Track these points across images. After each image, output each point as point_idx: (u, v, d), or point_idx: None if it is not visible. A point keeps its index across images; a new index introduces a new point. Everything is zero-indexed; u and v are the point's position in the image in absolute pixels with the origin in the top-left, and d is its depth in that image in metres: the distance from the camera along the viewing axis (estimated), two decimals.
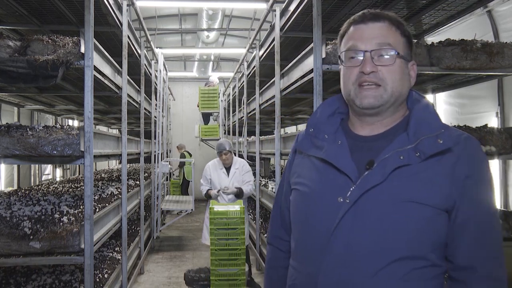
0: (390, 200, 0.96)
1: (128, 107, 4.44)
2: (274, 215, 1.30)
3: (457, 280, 0.98)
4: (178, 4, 8.67)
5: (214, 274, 3.85)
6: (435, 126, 1.00)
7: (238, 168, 4.53)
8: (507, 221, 2.86)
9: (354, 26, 1.06)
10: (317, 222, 1.03)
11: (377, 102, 1.01)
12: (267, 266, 1.30)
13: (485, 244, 0.97)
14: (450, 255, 0.98)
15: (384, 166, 0.97)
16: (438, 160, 0.97)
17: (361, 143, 1.06)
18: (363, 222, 0.96)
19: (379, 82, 1.01)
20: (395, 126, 1.06)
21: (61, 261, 2.77)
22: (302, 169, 1.14)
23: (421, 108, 1.05)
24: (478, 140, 1.05)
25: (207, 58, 11.24)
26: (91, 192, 2.74)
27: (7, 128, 2.62)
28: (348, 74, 1.05)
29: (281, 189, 1.28)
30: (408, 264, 0.94)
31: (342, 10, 3.65)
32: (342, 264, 0.97)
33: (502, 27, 3.73)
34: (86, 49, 2.66)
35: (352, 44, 1.04)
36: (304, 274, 1.05)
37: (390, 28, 1.04)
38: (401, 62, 1.03)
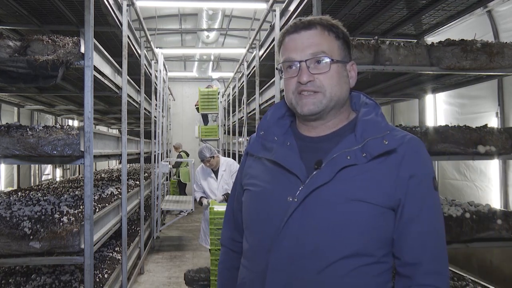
0: (337, 199, 0.99)
1: (128, 107, 4.44)
2: (227, 217, 1.32)
3: (404, 275, 1.01)
4: (178, 4, 8.67)
5: (214, 274, 3.85)
6: (381, 128, 1.03)
7: (225, 170, 4.49)
8: (507, 221, 2.86)
9: (288, 37, 1.10)
10: (267, 221, 1.05)
11: (316, 108, 1.05)
12: (220, 266, 1.32)
13: (430, 240, 1.01)
14: (397, 252, 1.02)
15: (332, 166, 1.00)
16: (383, 160, 1.00)
17: (309, 144, 1.10)
18: (311, 221, 0.99)
19: (317, 89, 1.04)
20: (343, 127, 1.10)
21: (61, 261, 2.76)
22: (253, 170, 1.16)
23: (369, 111, 1.08)
24: (478, 140, 1.07)
25: (207, 58, 11.25)
26: (91, 192, 2.74)
27: (7, 128, 2.61)
28: (288, 84, 1.09)
29: (233, 191, 1.30)
30: (354, 261, 0.97)
31: (342, 10, 3.65)
32: (290, 261, 0.99)
33: (502, 27, 3.73)
34: (86, 49, 2.66)
35: (288, 56, 1.08)
36: (253, 272, 1.08)
37: (322, 33, 1.06)
38: (338, 67, 1.06)
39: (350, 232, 0.97)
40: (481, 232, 2.81)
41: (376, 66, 2.73)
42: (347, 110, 1.12)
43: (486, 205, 3.09)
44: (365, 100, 1.13)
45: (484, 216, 2.86)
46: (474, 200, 3.70)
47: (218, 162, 4.53)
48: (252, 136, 1.24)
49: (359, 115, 1.08)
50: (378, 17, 3.99)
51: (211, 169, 4.54)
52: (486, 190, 4.01)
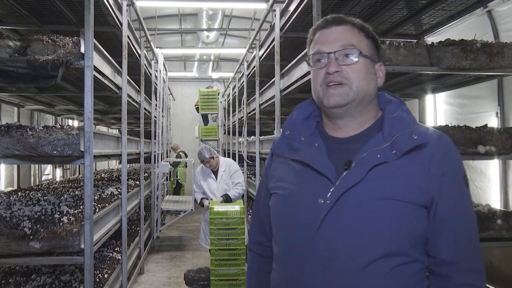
0: (369, 199, 0.98)
1: (128, 107, 4.44)
2: (253, 222, 1.31)
3: (440, 274, 1.01)
4: (178, 4, 8.67)
5: (214, 274, 3.85)
6: (408, 123, 1.03)
7: (224, 170, 4.48)
8: (507, 221, 2.86)
9: (319, 31, 1.11)
10: (298, 225, 1.04)
11: (343, 100, 1.04)
12: (249, 272, 1.31)
13: (465, 238, 1.01)
14: (431, 251, 1.01)
15: (362, 165, 0.99)
16: (414, 157, 0.99)
17: (337, 145, 1.09)
18: (345, 222, 0.98)
19: (344, 81, 1.04)
20: (370, 127, 1.09)
21: (61, 261, 2.76)
22: (280, 172, 1.15)
23: (394, 108, 1.08)
24: (478, 140, 1.07)
25: (207, 58, 11.24)
26: (91, 192, 2.74)
27: (7, 128, 2.61)
28: (316, 76, 1.09)
29: (259, 195, 1.29)
30: (390, 261, 0.96)
31: (342, 10, 3.65)
32: (326, 264, 0.98)
33: (502, 27, 3.73)
34: (86, 49, 2.66)
35: (318, 49, 1.09)
36: (287, 276, 1.06)
37: (352, 30, 1.08)
38: (365, 61, 1.06)
39: (385, 232, 0.96)
40: (481, 232, 2.81)
41: None
42: (374, 109, 1.11)
43: (486, 205, 3.09)
44: (389, 97, 1.13)
45: (484, 216, 2.86)
46: (474, 200, 3.70)
47: (217, 162, 4.53)
48: (276, 137, 1.22)
49: (385, 113, 1.08)
50: (378, 17, 3.99)
51: (211, 169, 4.54)
52: (486, 190, 4.00)
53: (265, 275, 1.21)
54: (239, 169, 4.60)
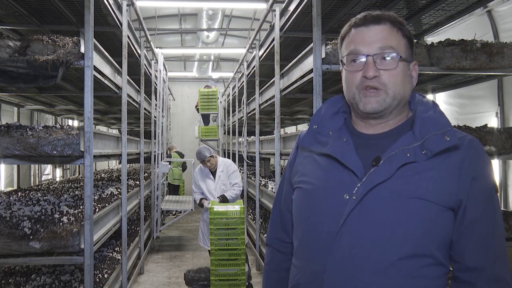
0: (397, 197, 0.96)
1: (128, 107, 4.44)
2: (273, 217, 1.28)
3: (464, 280, 0.98)
4: (178, 4, 8.67)
5: (214, 274, 3.85)
6: (441, 124, 1.01)
7: (222, 170, 4.48)
8: (507, 221, 2.86)
9: (355, 29, 1.05)
10: (322, 220, 1.02)
11: (380, 107, 1.02)
12: (266, 268, 1.28)
13: (492, 245, 0.97)
14: (457, 255, 0.98)
15: (391, 163, 0.97)
16: (444, 159, 0.97)
17: (366, 141, 1.06)
18: (370, 219, 0.96)
19: (381, 86, 1.01)
20: (400, 125, 1.07)
21: (61, 261, 2.76)
22: (305, 167, 1.13)
23: (427, 108, 1.06)
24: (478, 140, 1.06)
25: (207, 58, 11.24)
26: (91, 192, 2.74)
27: (7, 128, 2.62)
28: (351, 77, 1.05)
29: (281, 190, 1.26)
30: (414, 262, 0.94)
31: (342, 10, 3.65)
32: (349, 261, 0.96)
33: (502, 27, 3.73)
34: (86, 49, 2.66)
35: (354, 48, 1.04)
36: (308, 272, 1.04)
37: (391, 30, 1.03)
38: (403, 65, 1.03)
39: (410, 231, 0.94)
40: None
41: None
42: (406, 110, 1.09)
43: None
44: (421, 99, 1.10)
45: None
46: None
47: (216, 162, 4.53)
48: (302, 132, 1.20)
49: (417, 113, 1.05)
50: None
51: (209, 170, 4.54)
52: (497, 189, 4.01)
53: (284, 273, 1.19)
54: (237, 169, 4.59)
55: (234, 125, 8.69)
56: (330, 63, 2.64)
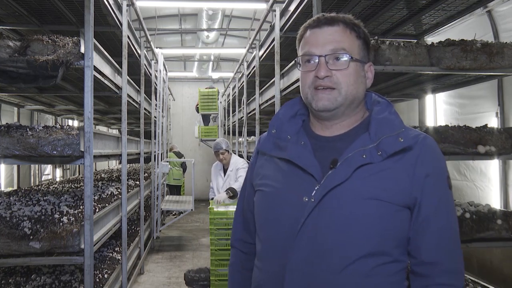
0: (354, 198, 0.99)
1: (128, 107, 4.44)
2: (236, 218, 1.31)
3: (421, 274, 1.02)
4: (178, 4, 8.67)
5: (214, 274, 3.85)
6: (395, 126, 1.04)
7: (232, 170, 4.45)
8: (507, 221, 2.86)
9: (310, 30, 1.09)
10: (282, 222, 1.04)
11: (331, 105, 1.04)
12: (231, 269, 1.30)
13: (447, 239, 1.02)
14: (413, 251, 1.02)
15: (348, 165, 1.00)
16: (399, 159, 1.00)
17: (323, 143, 1.09)
18: (328, 220, 0.99)
19: (334, 85, 1.04)
20: (356, 126, 1.09)
21: (61, 261, 2.76)
22: (265, 170, 1.15)
23: (382, 109, 1.08)
24: (478, 140, 1.08)
25: (207, 58, 11.24)
26: (91, 192, 2.74)
27: (7, 128, 2.61)
28: (305, 78, 1.08)
29: (243, 192, 1.28)
30: (372, 261, 0.97)
31: (342, 10, 3.65)
32: (308, 262, 0.98)
33: (502, 27, 3.73)
34: (86, 49, 2.66)
35: (308, 49, 1.07)
36: (269, 273, 1.07)
37: (344, 31, 1.06)
38: (356, 66, 1.06)
39: (367, 231, 0.97)
40: (481, 232, 2.81)
41: (376, 66, 2.73)
42: (361, 110, 1.11)
43: (486, 205, 3.09)
44: (376, 98, 1.13)
45: (484, 216, 2.86)
46: (474, 200, 3.70)
47: (229, 160, 4.49)
48: (262, 135, 1.23)
49: (372, 114, 1.08)
50: (378, 17, 3.99)
51: (223, 167, 4.51)
52: (486, 190, 4.00)
53: (248, 273, 1.20)
54: (245, 166, 4.48)
55: (234, 125, 8.69)
56: None
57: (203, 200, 11.51)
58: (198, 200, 10.11)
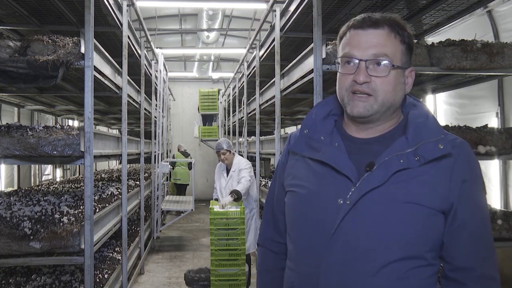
0: (390, 202, 0.97)
1: (128, 107, 4.44)
2: (266, 218, 1.29)
3: (455, 279, 1.01)
4: (178, 4, 8.67)
5: (214, 275, 3.85)
6: (435, 132, 1.02)
7: (235, 171, 4.36)
8: (507, 221, 2.86)
9: (353, 31, 1.05)
10: (317, 224, 1.03)
11: (367, 112, 1.02)
12: (260, 268, 1.29)
13: (482, 245, 1.01)
14: (447, 256, 1.01)
15: (385, 169, 0.98)
16: (435, 164, 0.99)
17: (358, 145, 1.07)
18: (363, 223, 0.98)
19: (371, 92, 1.02)
20: (392, 130, 1.08)
21: (61, 262, 2.76)
22: (297, 170, 1.13)
23: (419, 113, 1.06)
24: (478, 140, 1.08)
25: (207, 58, 11.24)
26: (91, 192, 2.74)
27: (7, 128, 2.62)
28: (343, 80, 1.05)
29: (272, 191, 1.27)
30: (407, 264, 0.97)
31: (342, 10, 3.65)
32: (343, 264, 0.98)
33: (502, 27, 3.73)
34: (86, 50, 2.66)
35: (349, 51, 1.04)
36: (303, 275, 1.05)
37: (389, 35, 1.03)
38: (397, 73, 1.03)
39: (403, 235, 0.97)
40: None
41: None
42: (397, 114, 1.09)
43: None
44: (412, 101, 1.11)
45: None
46: None
47: (232, 160, 4.43)
48: (292, 133, 1.21)
49: (409, 117, 1.06)
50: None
51: (226, 168, 4.48)
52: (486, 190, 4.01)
53: (279, 273, 1.19)
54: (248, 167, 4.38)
55: (234, 125, 8.68)
56: (331, 63, 2.64)
57: (203, 200, 11.51)
58: (198, 200, 10.10)
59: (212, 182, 5.02)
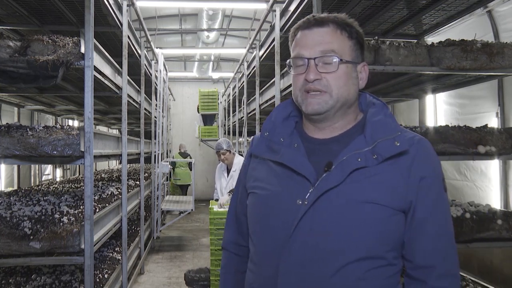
0: (348, 202, 0.97)
1: (128, 107, 4.44)
2: (229, 221, 1.29)
3: (416, 278, 1.01)
4: (178, 4, 8.67)
5: (214, 274, 3.85)
6: (392, 129, 1.02)
7: (235, 170, 4.37)
8: (507, 221, 2.86)
9: (300, 32, 1.07)
10: (276, 225, 1.03)
11: (322, 108, 1.03)
12: (223, 271, 1.28)
13: (442, 242, 1.01)
14: (408, 254, 1.01)
15: (342, 168, 0.98)
16: (394, 162, 0.99)
17: (317, 146, 1.08)
18: (322, 224, 0.98)
19: (324, 88, 1.02)
20: (350, 129, 1.08)
21: (61, 261, 2.76)
22: (259, 172, 1.13)
23: (377, 111, 1.07)
24: (478, 140, 1.08)
25: (207, 58, 11.25)
26: (91, 192, 2.74)
27: (7, 128, 2.61)
28: (296, 80, 1.07)
29: (236, 194, 1.27)
30: (366, 264, 0.96)
31: (342, 10, 3.65)
32: (301, 265, 0.97)
33: (502, 27, 3.73)
34: (86, 50, 2.66)
35: (297, 52, 1.06)
36: (263, 276, 1.05)
37: (335, 32, 1.04)
38: (347, 68, 1.04)
39: (361, 235, 0.96)
40: (481, 232, 2.81)
41: (376, 66, 2.73)
42: (354, 111, 1.10)
43: (486, 205, 3.09)
44: (371, 100, 1.11)
45: (484, 216, 2.86)
46: (474, 200, 3.70)
47: (232, 160, 4.44)
48: (254, 137, 1.22)
49: (367, 116, 1.06)
50: (378, 17, 3.99)
51: (226, 167, 4.48)
52: (486, 190, 4.00)
53: (241, 276, 1.19)
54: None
55: (234, 125, 8.68)
56: None
57: (203, 200, 11.51)
58: (198, 200, 10.10)
59: (212, 182, 5.03)
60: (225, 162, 4.44)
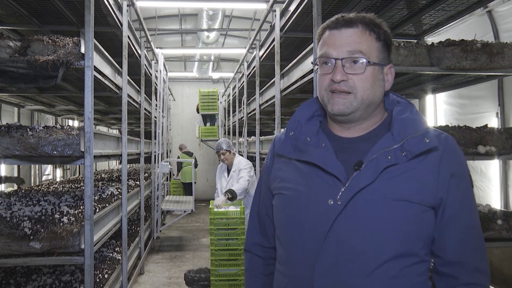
0: (381, 200, 0.98)
1: (128, 107, 4.44)
2: (251, 223, 1.28)
3: (447, 274, 1.02)
4: (178, 4, 8.67)
5: (214, 275, 3.85)
6: (420, 126, 1.03)
7: (235, 170, 4.35)
8: (507, 221, 2.86)
9: (328, 31, 1.07)
10: (308, 226, 1.03)
11: (347, 109, 1.03)
12: (247, 274, 1.27)
13: (472, 238, 1.02)
14: (438, 250, 1.02)
15: (373, 167, 0.99)
16: (423, 159, 1.00)
17: (344, 145, 1.07)
18: (356, 223, 0.98)
19: (349, 89, 1.02)
20: (376, 128, 1.08)
21: (61, 262, 2.76)
22: (285, 173, 1.12)
23: (403, 109, 1.07)
24: (478, 140, 1.08)
25: (207, 58, 11.24)
26: (91, 192, 2.74)
27: (7, 129, 2.61)
28: (322, 80, 1.07)
29: (257, 195, 1.26)
30: (401, 262, 0.97)
31: (342, 10, 3.65)
32: (337, 266, 0.97)
33: (502, 27, 3.73)
34: (86, 50, 2.66)
35: (325, 51, 1.05)
36: (296, 278, 1.04)
37: (363, 33, 1.04)
38: (373, 69, 1.03)
39: (397, 232, 0.97)
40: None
41: None
42: (380, 111, 1.09)
43: (486, 205, 3.09)
44: (396, 98, 1.11)
45: (484, 216, 2.86)
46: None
47: (232, 160, 4.42)
48: (276, 136, 1.20)
49: (393, 114, 1.06)
50: (378, 17, 3.99)
51: (227, 167, 4.47)
52: (486, 190, 4.00)
53: (267, 278, 1.18)
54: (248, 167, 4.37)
55: (234, 125, 8.69)
56: None
57: (203, 200, 11.51)
58: (198, 200, 10.11)
59: (212, 182, 5.04)
60: (225, 162, 4.43)
